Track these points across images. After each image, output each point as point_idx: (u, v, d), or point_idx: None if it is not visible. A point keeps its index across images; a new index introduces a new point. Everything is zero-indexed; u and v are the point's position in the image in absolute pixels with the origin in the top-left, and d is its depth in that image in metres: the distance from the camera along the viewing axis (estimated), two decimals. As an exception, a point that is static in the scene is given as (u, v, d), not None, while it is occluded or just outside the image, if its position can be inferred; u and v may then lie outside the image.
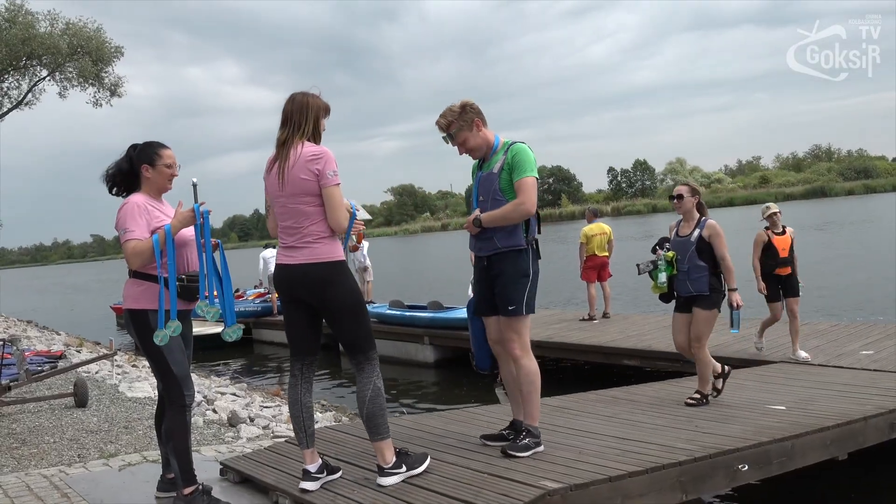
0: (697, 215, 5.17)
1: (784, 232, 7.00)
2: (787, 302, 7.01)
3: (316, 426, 3.67)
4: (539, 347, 9.20)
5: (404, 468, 3.35)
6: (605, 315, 10.54)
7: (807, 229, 29.95)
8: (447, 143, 3.73)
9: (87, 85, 20.08)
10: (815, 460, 4.20)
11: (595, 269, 10.43)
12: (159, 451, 3.79)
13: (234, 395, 7.97)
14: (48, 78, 20.14)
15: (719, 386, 5.19)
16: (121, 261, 3.58)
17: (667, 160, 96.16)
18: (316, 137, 3.38)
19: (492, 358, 4.04)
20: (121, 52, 20.23)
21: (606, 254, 10.49)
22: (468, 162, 4.23)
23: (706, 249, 5.01)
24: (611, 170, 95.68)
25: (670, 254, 5.15)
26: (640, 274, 5.36)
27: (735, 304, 5.05)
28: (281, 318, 14.03)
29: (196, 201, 3.60)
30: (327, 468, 3.49)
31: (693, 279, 5.05)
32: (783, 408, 4.80)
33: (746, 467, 3.76)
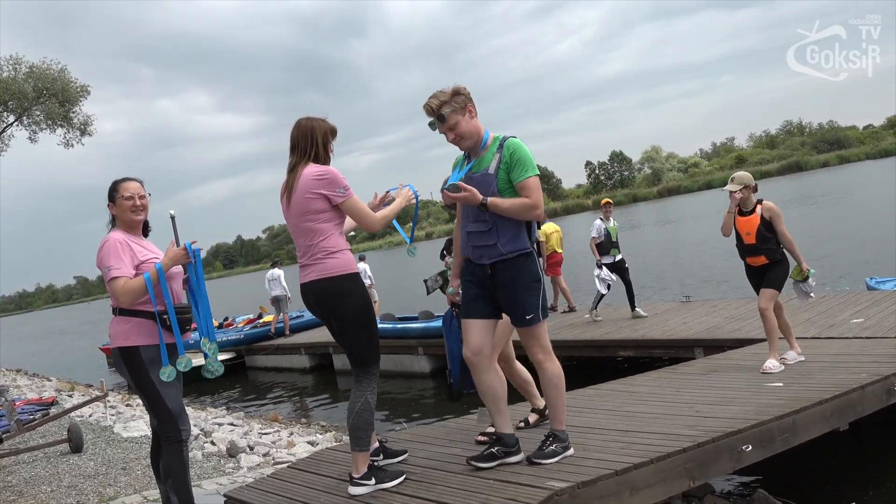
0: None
1: (753, 211, 5.53)
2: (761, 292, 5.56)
3: (315, 448, 3.65)
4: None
5: (373, 481, 3.44)
6: (571, 309, 10.84)
7: (787, 203, 30.31)
8: (433, 128, 3.43)
9: (56, 127, 19.89)
10: (817, 433, 4.21)
11: (558, 264, 11.12)
12: (158, 490, 3.72)
13: (231, 424, 7.88)
14: (16, 123, 19.93)
15: (531, 420, 4.33)
16: (107, 300, 3.55)
17: (643, 149, 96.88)
18: (325, 159, 3.49)
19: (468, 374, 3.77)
20: (87, 90, 20.07)
21: (561, 250, 11.26)
22: (446, 170, 4.19)
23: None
24: (588, 164, 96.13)
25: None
26: (428, 293, 4.65)
27: None
28: (275, 341, 14.06)
29: (175, 233, 3.59)
30: (384, 452, 3.79)
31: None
32: (780, 384, 4.82)
33: (750, 447, 3.76)
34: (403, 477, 3.50)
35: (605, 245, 9.53)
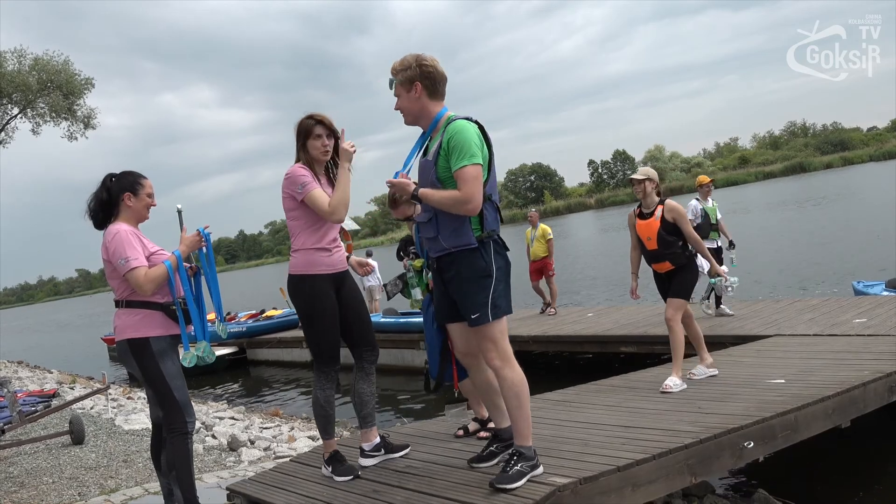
0: None
1: (653, 213, 5.06)
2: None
3: (317, 443, 3.70)
4: (536, 342, 9.23)
5: (330, 469, 3.70)
6: (547, 306, 10.85)
7: (787, 204, 30.28)
8: (390, 87, 3.19)
9: (59, 119, 19.89)
10: (819, 430, 4.21)
11: (538, 271, 10.93)
12: (159, 483, 3.73)
13: (232, 418, 7.89)
14: (20, 115, 19.94)
15: (470, 428, 4.13)
16: (109, 293, 3.55)
17: (645, 148, 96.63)
18: (304, 156, 3.57)
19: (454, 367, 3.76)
20: (91, 83, 20.06)
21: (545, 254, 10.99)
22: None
23: None
24: (591, 162, 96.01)
25: (418, 262, 4.02)
26: (389, 298, 4.36)
27: None
28: (277, 335, 14.05)
29: (182, 227, 3.62)
30: (385, 447, 3.83)
31: None
32: (783, 381, 4.81)
33: (752, 444, 3.76)
34: (354, 475, 3.62)
35: (704, 228, 8.34)
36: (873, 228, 18.56)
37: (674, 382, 4.88)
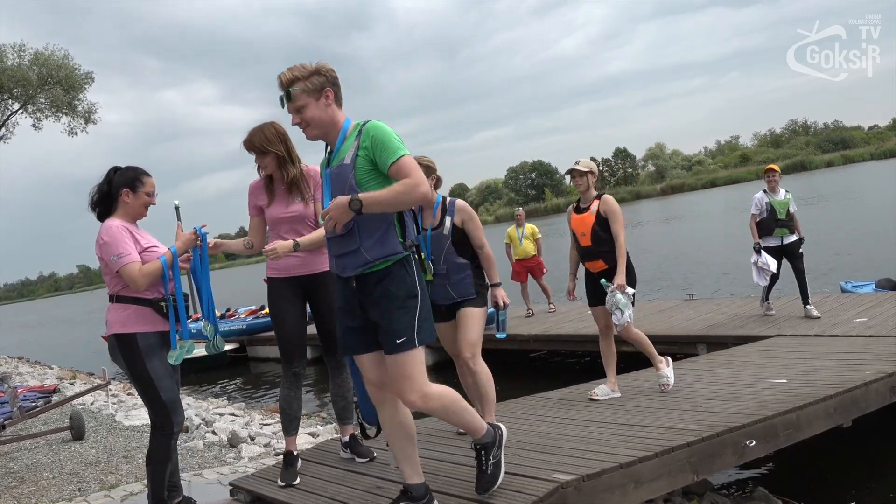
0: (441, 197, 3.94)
1: (589, 208, 4.80)
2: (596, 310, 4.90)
3: (317, 439, 3.75)
4: (536, 341, 9.22)
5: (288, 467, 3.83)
6: (530, 311, 10.73)
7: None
8: (282, 105, 2.82)
9: (60, 114, 19.89)
10: (820, 430, 4.21)
11: (526, 270, 10.79)
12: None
13: (232, 415, 7.88)
14: (20, 111, 19.93)
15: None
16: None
17: (646, 146, 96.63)
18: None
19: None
20: (91, 77, 20.08)
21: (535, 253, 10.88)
22: (449, 168, 4.12)
23: (463, 241, 3.86)
24: (592, 160, 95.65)
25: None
26: None
27: (500, 303, 3.90)
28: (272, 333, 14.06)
29: (179, 222, 3.61)
30: (352, 447, 3.96)
31: (455, 282, 3.84)
32: (785, 381, 4.80)
33: (754, 442, 3.75)
34: (285, 484, 3.67)
35: (768, 223, 7.48)
36: (873, 229, 18.57)
37: (602, 391, 4.87)
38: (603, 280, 4.71)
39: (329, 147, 2.89)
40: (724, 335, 7.29)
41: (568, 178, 5.06)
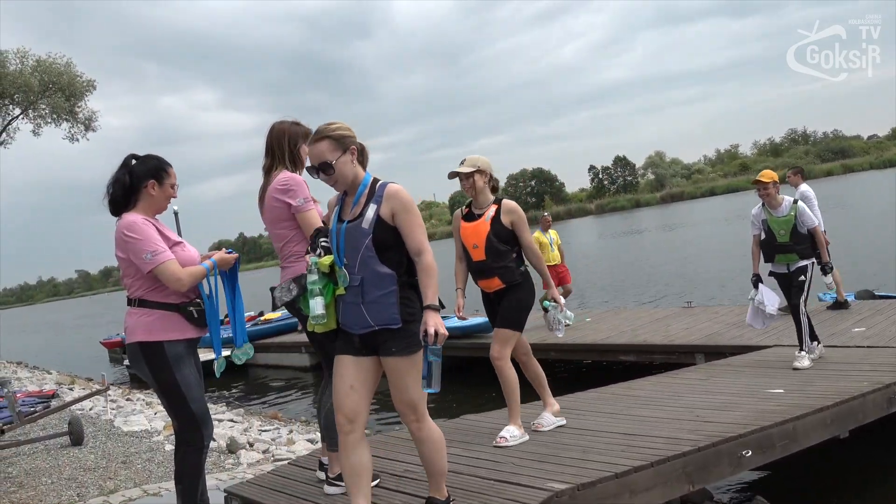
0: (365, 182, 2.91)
1: (483, 214, 4.02)
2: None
3: (315, 446, 3.68)
4: (536, 350, 9.19)
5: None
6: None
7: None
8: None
9: (60, 121, 19.93)
10: (817, 440, 4.21)
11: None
12: (159, 485, 3.72)
13: (231, 421, 7.89)
14: (21, 116, 19.98)
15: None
16: (107, 295, 3.59)
17: (646, 154, 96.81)
18: (296, 164, 3.53)
19: None
20: (93, 85, 20.11)
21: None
22: (449, 169, 4.14)
23: (388, 240, 2.77)
24: (591, 168, 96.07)
25: (326, 259, 2.82)
26: (275, 308, 3.27)
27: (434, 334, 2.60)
28: (275, 339, 14.05)
29: (178, 228, 3.63)
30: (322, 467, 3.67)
31: (372, 301, 2.76)
32: (781, 391, 4.82)
33: (750, 453, 3.77)
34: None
35: (766, 248, 5.83)
36: (865, 239, 18.57)
37: (511, 434, 3.97)
38: (545, 302, 4.37)
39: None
40: (721, 345, 7.30)
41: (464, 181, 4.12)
